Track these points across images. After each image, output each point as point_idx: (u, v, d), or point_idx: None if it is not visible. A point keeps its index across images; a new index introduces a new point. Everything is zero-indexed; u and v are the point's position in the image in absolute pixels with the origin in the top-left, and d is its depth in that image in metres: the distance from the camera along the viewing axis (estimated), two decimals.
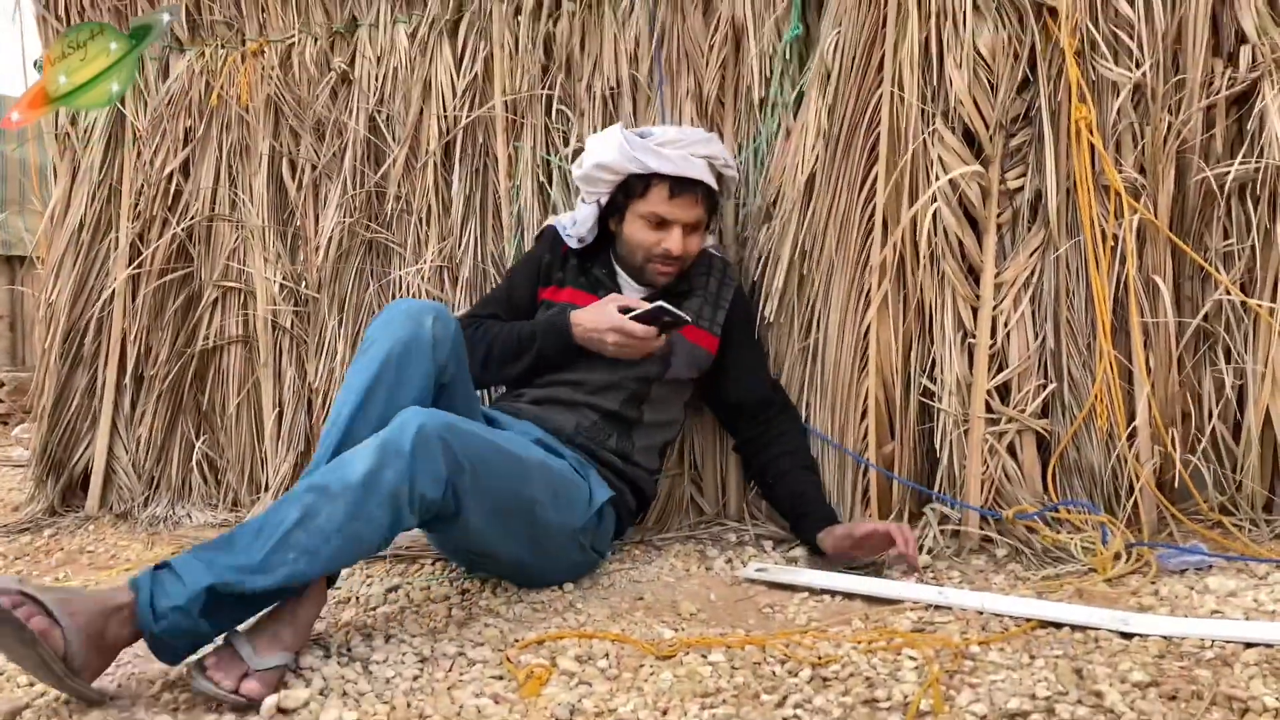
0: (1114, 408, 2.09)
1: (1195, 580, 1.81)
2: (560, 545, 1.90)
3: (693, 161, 2.15)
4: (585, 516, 1.92)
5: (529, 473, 1.75)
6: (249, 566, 1.42)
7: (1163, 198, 2.13)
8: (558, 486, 1.84)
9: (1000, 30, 2.19)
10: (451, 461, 1.57)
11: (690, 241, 2.19)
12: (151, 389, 2.79)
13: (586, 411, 2.12)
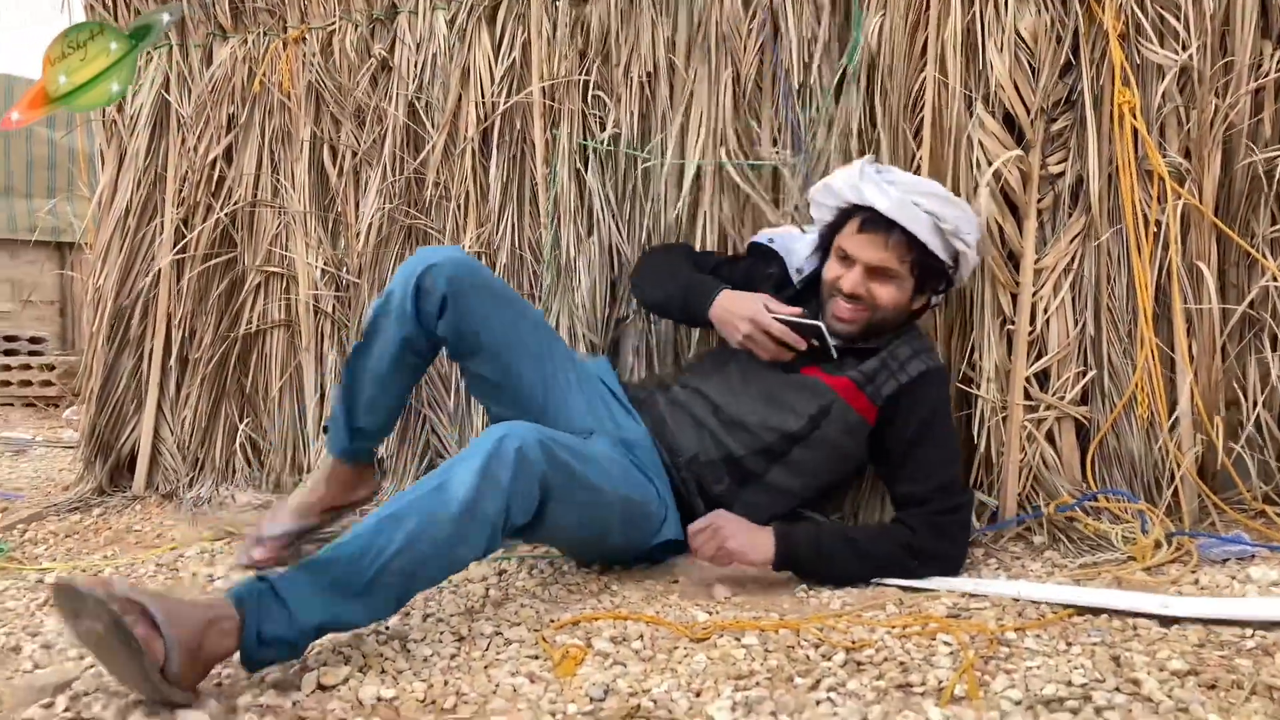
0: (1155, 395, 2.07)
1: (1237, 570, 1.79)
2: (617, 555, 1.99)
3: (909, 207, 1.90)
4: (649, 544, 1.93)
5: (609, 506, 1.80)
6: (351, 595, 1.44)
7: (1208, 183, 2.10)
8: (633, 517, 1.89)
9: (1043, 13, 2.16)
10: (544, 491, 1.63)
11: (877, 289, 1.94)
12: (196, 372, 2.83)
13: (710, 445, 1.97)
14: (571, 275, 2.51)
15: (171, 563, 2.11)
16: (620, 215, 2.51)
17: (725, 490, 1.98)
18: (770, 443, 1.97)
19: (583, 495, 1.71)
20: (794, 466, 1.99)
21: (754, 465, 1.98)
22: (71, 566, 2.09)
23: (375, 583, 1.44)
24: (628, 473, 1.90)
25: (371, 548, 1.45)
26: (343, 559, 1.45)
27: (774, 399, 1.98)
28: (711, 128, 2.39)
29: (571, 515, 1.72)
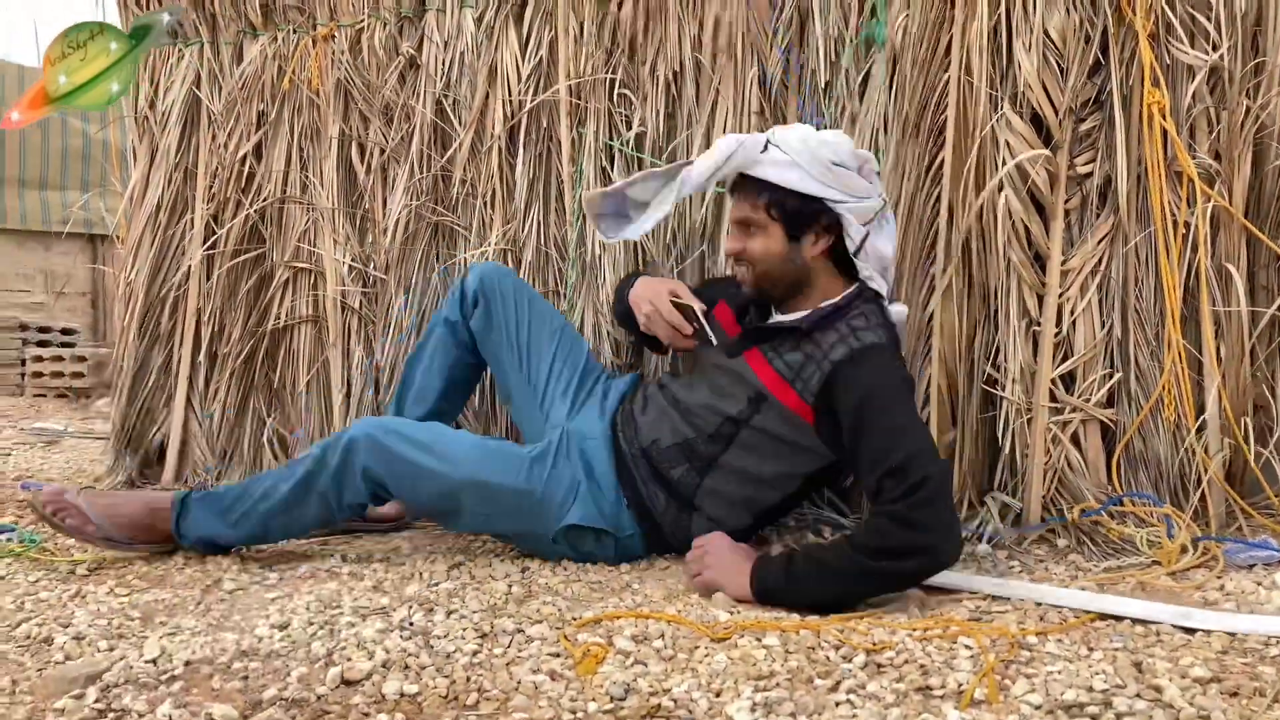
0: (1182, 398, 2.06)
1: (1263, 576, 1.78)
2: (532, 541, 2.07)
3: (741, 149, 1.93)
4: (550, 529, 1.99)
5: (459, 489, 1.97)
6: (225, 523, 2.05)
7: (1238, 184, 2.08)
8: (496, 501, 1.98)
9: (1072, 13, 2.15)
10: (370, 478, 1.95)
11: (748, 243, 1.94)
12: (224, 366, 2.87)
13: (667, 432, 2.02)
14: (596, 273, 2.53)
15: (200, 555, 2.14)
16: None
17: (684, 475, 2.00)
18: (717, 426, 1.98)
19: (424, 480, 1.96)
20: (746, 449, 1.97)
21: (707, 450, 1.99)
22: (100, 558, 2.12)
23: (241, 520, 2.03)
24: (496, 461, 1.99)
25: (245, 495, 2.03)
26: (228, 497, 2.05)
27: (717, 386, 2.00)
28: (737, 126, 2.40)
29: (418, 496, 2.00)
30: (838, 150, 1.91)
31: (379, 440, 1.95)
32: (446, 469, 1.95)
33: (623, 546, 2.03)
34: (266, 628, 1.64)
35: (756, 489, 2.01)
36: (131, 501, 2.12)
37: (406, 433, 1.98)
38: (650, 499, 2.02)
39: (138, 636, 1.62)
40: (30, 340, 6.77)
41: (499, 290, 2.26)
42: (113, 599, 1.84)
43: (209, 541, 2.07)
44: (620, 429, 2.08)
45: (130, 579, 1.98)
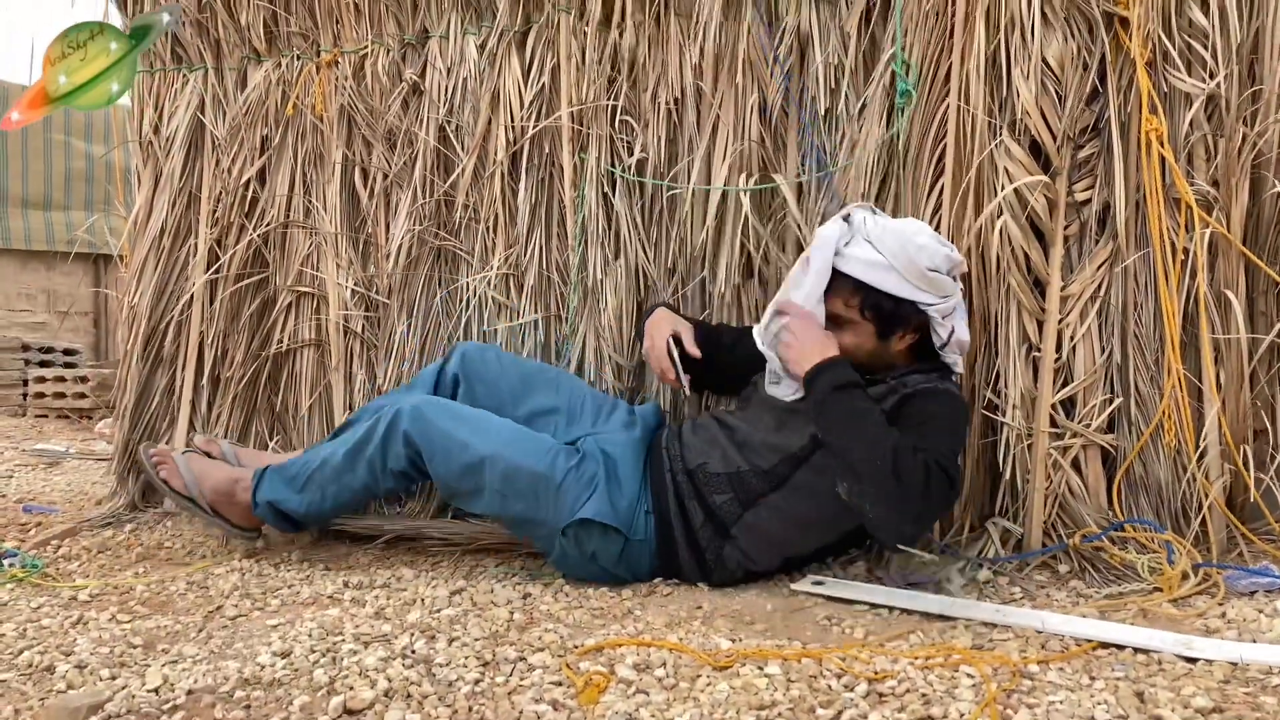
0: (1182, 424, 2.06)
1: (1265, 603, 1.78)
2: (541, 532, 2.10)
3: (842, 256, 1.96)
4: (562, 519, 2.03)
5: (484, 463, 2.05)
6: (292, 489, 2.23)
7: (1236, 211, 2.09)
8: (527, 486, 2.05)
9: (1069, 41, 2.17)
10: (410, 443, 2.10)
11: (839, 336, 1.96)
12: (227, 390, 2.87)
13: (718, 459, 2.06)
14: (598, 297, 2.54)
15: (202, 581, 2.14)
16: (647, 238, 2.53)
17: (726, 504, 2.03)
18: (774, 464, 2.01)
19: (455, 450, 2.07)
20: (796, 491, 1.99)
21: (757, 485, 2.02)
22: (103, 583, 2.12)
23: (305, 485, 2.21)
24: (525, 442, 2.09)
25: (308, 462, 2.23)
26: (295, 465, 2.25)
27: (782, 423, 2.02)
28: (738, 151, 2.41)
29: (449, 465, 2.08)
30: (933, 256, 1.94)
31: (423, 410, 2.10)
32: (476, 440, 2.06)
33: (629, 551, 2.05)
34: (269, 655, 1.64)
35: (796, 533, 2.05)
36: (219, 470, 2.35)
37: (451, 407, 2.14)
38: (688, 513, 2.06)
39: (140, 665, 1.62)
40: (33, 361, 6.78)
41: (479, 372, 2.32)
42: (115, 626, 1.84)
43: (276, 506, 2.23)
44: (665, 444, 2.14)
45: (133, 604, 1.99)
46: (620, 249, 2.53)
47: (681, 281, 2.50)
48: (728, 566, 2.05)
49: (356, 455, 2.15)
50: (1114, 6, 2.15)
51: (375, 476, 2.15)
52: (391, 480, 2.17)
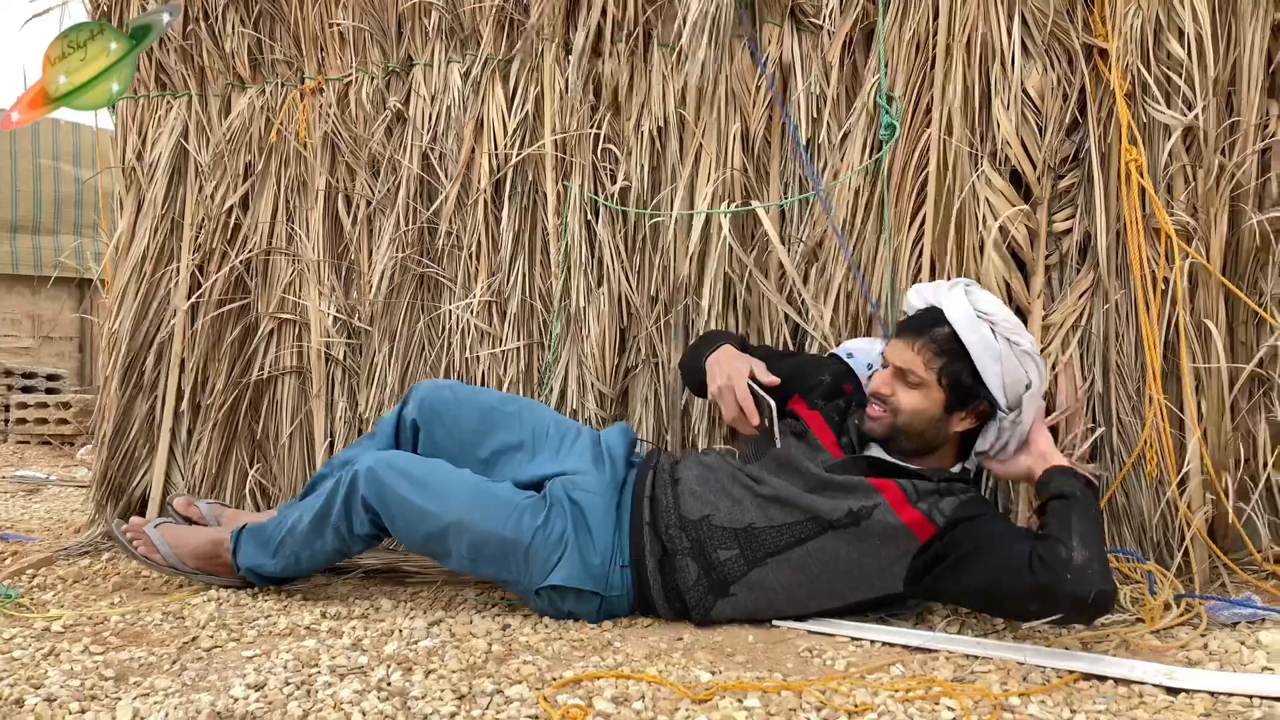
0: (1164, 453, 2.06)
1: (1246, 634, 1.77)
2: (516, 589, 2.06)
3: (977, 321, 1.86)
4: (536, 582, 1.98)
5: (444, 530, 1.99)
6: (267, 553, 2.17)
7: (1215, 241, 2.11)
8: (482, 547, 1.99)
9: (1050, 72, 2.19)
10: (373, 513, 2.04)
11: (901, 392, 1.89)
12: (208, 417, 2.85)
13: (729, 511, 1.94)
14: (581, 324, 2.53)
15: (178, 611, 2.11)
16: (630, 266, 2.53)
17: (731, 560, 1.92)
18: (800, 521, 1.90)
19: (415, 519, 2.00)
20: (815, 555, 1.89)
21: (773, 542, 1.91)
22: (77, 614, 2.09)
23: (278, 550, 2.16)
24: (489, 506, 2.00)
25: (279, 526, 2.16)
26: (268, 529, 2.18)
27: (820, 486, 1.92)
28: (721, 180, 2.42)
29: (411, 533, 2.03)
30: (1037, 376, 1.88)
31: (378, 474, 2.02)
32: (437, 509, 1.99)
33: (607, 605, 2.00)
34: (242, 688, 1.62)
35: (804, 594, 1.94)
36: (197, 536, 2.30)
37: (406, 469, 2.03)
38: (678, 570, 1.95)
39: (110, 698, 1.59)
40: (15, 386, 6.73)
41: (438, 415, 2.22)
42: (87, 658, 1.81)
43: (256, 571, 2.20)
44: (650, 492, 2.01)
45: (107, 635, 1.96)
46: (603, 276, 2.52)
47: (664, 309, 2.49)
48: (716, 621, 1.97)
49: (322, 522, 2.09)
50: (1093, 39, 2.17)
51: (344, 540, 2.10)
52: (361, 543, 2.12)
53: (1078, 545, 1.67)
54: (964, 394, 1.87)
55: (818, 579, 1.91)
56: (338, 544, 2.11)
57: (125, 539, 2.30)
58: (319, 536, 2.10)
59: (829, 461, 1.95)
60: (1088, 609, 1.65)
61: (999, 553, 1.76)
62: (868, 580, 1.90)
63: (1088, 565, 1.64)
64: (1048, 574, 1.66)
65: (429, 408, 2.22)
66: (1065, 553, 1.67)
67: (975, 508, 1.87)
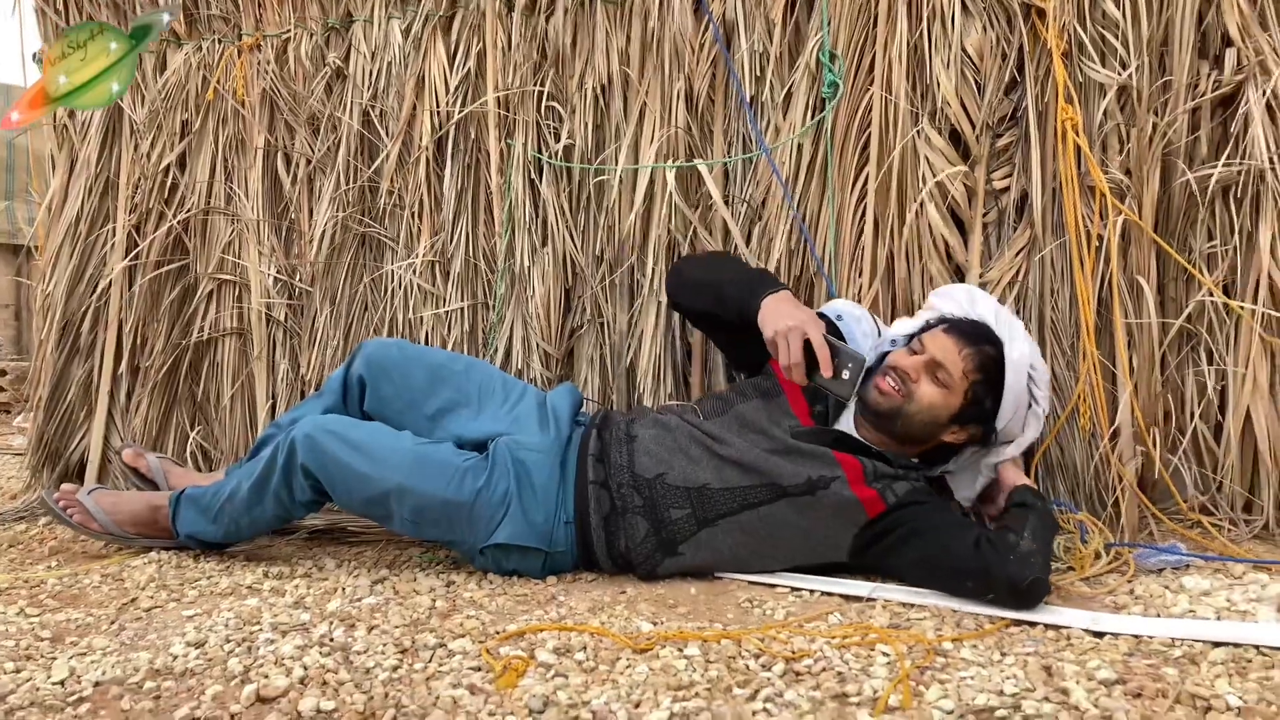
0: (1097, 407, 2.11)
1: (1171, 579, 1.83)
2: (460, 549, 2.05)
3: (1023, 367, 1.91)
4: (480, 541, 1.98)
5: (385, 494, 1.97)
6: (207, 519, 2.15)
7: (1147, 199, 2.15)
8: (425, 510, 1.97)
9: (989, 31, 2.21)
10: (313, 479, 2.00)
11: (926, 382, 1.89)
12: (147, 380, 2.81)
13: (684, 470, 1.94)
14: (525, 285, 2.52)
15: (117, 573, 2.09)
16: (575, 225, 2.52)
17: (683, 519, 1.93)
18: (755, 484, 1.91)
19: (355, 483, 1.97)
20: (767, 520, 1.91)
21: (725, 504, 1.92)
22: (13, 577, 2.07)
23: (218, 516, 2.13)
24: (429, 468, 1.97)
25: (218, 493, 2.13)
26: (206, 496, 2.15)
27: (785, 451, 1.93)
28: (665, 138, 2.41)
29: (351, 497, 2.01)
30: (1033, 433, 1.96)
31: (317, 440, 1.98)
32: (377, 473, 1.96)
33: (551, 561, 2.01)
34: (182, 646, 1.61)
35: (747, 557, 1.95)
36: (134, 500, 2.26)
37: (343, 433, 1.99)
38: (626, 528, 1.95)
39: (46, 658, 1.58)
40: None
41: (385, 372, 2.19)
42: (23, 619, 1.79)
43: (196, 537, 2.18)
44: (601, 452, 2.01)
45: (43, 598, 1.94)
46: (548, 236, 2.52)
47: (610, 268, 2.49)
48: (660, 576, 1.98)
49: (262, 489, 2.05)
50: None
51: (285, 507, 2.07)
52: (303, 509, 2.09)
53: (1027, 537, 1.73)
54: (975, 414, 1.90)
55: (764, 542, 1.93)
56: (278, 510, 2.08)
57: (59, 507, 2.24)
58: (259, 503, 2.07)
59: (796, 428, 1.97)
60: (1021, 594, 1.68)
61: (946, 532, 1.82)
62: (813, 548, 1.93)
63: (1031, 555, 1.70)
64: (992, 554, 1.73)
65: (376, 364, 2.20)
66: (1014, 539, 1.74)
67: (928, 495, 1.91)
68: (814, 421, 1.99)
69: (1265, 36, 2.07)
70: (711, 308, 2.09)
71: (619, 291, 2.50)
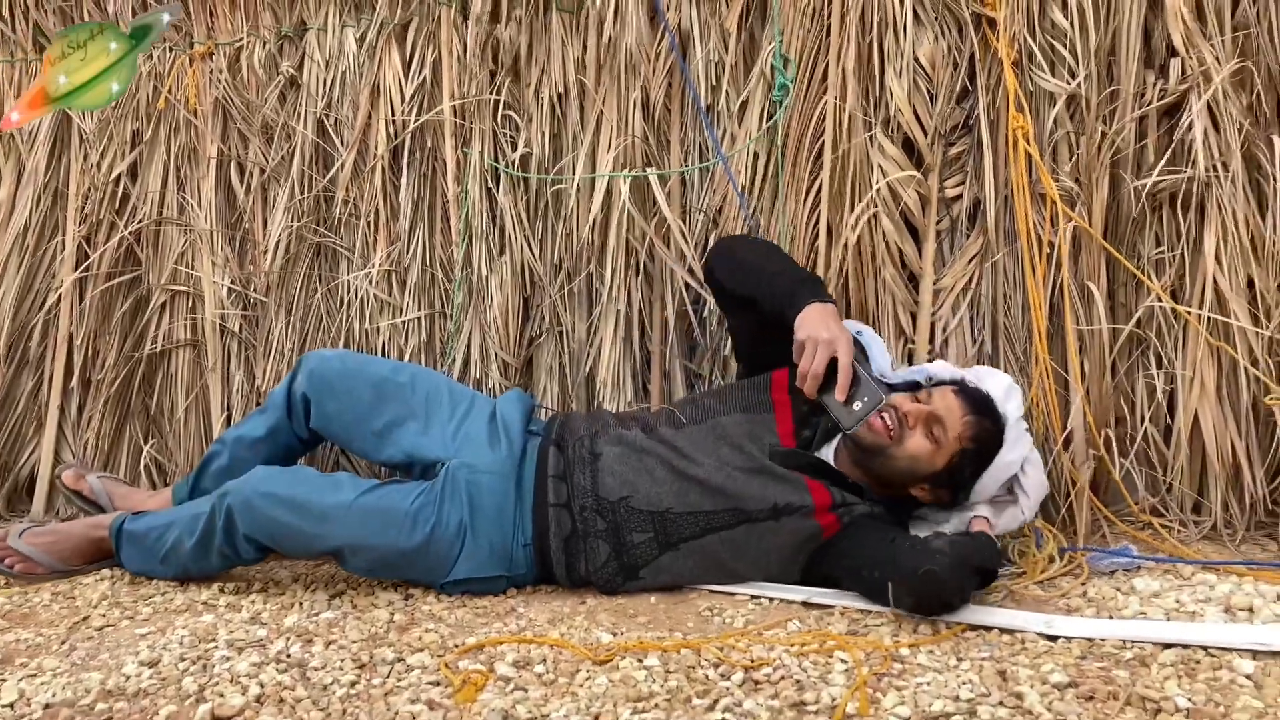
0: (1050, 412, 2.14)
1: (1123, 581, 1.86)
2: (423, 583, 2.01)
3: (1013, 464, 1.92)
4: (440, 579, 1.95)
5: (338, 549, 1.92)
6: (155, 561, 2.08)
7: (1097, 206, 2.18)
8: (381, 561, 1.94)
9: (940, 40, 2.23)
10: (256, 542, 1.95)
11: (918, 433, 1.86)
12: (99, 393, 2.77)
13: (650, 493, 1.90)
14: (483, 294, 2.52)
15: (69, 591, 2.06)
16: (533, 233, 2.52)
17: (644, 544, 1.90)
18: (720, 509, 1.88)
19: (306, 541, 1.93)
20: (728, 544, 1.89)
21: (688, 529, 1.89)
22: None
23: (165, 560, 2.06)
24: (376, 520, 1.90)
25: (161, 540, 2.05)
26: (149, 539, 2.08)
27: (758, 471, 1.90)
28: (622, 146, 2.42)
29: (308, 553, 2.04)
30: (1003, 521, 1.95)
31: (255, 506, 1.91)
32: (324, 531, 1.89)
33: (513, 581, 1.99)
34: (135, 665, 1.59)
35: (707, 579, 1.94)
36: (72, 533, 2.18)
37: (282, 495, 1.90)
38: (588, 552, 1.92)
39: None
40: None
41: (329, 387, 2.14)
42: None
43: (147, 575, 2.12)
44: (563, 471, 1.96)
45: None
46: (505, 245, 2.51)
47: (568, 277, 2.49)
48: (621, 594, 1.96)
49: (206, 547, 1.98)
50: (982, 7, 2.22)
51: (233, 561, 2.02)
52: (253, 561, 2.02)
53: (943, 543, 1.70)
54: (952, 479, 1.89)
55: (724, 566, 1.92)
56: (225, 564, 2.04)
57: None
58: (204, 558, 2.01)
59: (775, 447, 1.93)
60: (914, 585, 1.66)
61: (873, 533, 1.84)
62: (769, 570, 1.92)
63: (938, 553, 1.66)
64: (901, 546, 1.74)
65: (319, 379, 2.14)
66: (929, 540, 1.74)
67: (882, 518, 1.90)
68: (795, 443, 1.95)
69: (1208, 46, 2.11)
70: (753, 292, 2.00)
71: (578, 300, 2.50)
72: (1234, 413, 2.11)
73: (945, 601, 1.68)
